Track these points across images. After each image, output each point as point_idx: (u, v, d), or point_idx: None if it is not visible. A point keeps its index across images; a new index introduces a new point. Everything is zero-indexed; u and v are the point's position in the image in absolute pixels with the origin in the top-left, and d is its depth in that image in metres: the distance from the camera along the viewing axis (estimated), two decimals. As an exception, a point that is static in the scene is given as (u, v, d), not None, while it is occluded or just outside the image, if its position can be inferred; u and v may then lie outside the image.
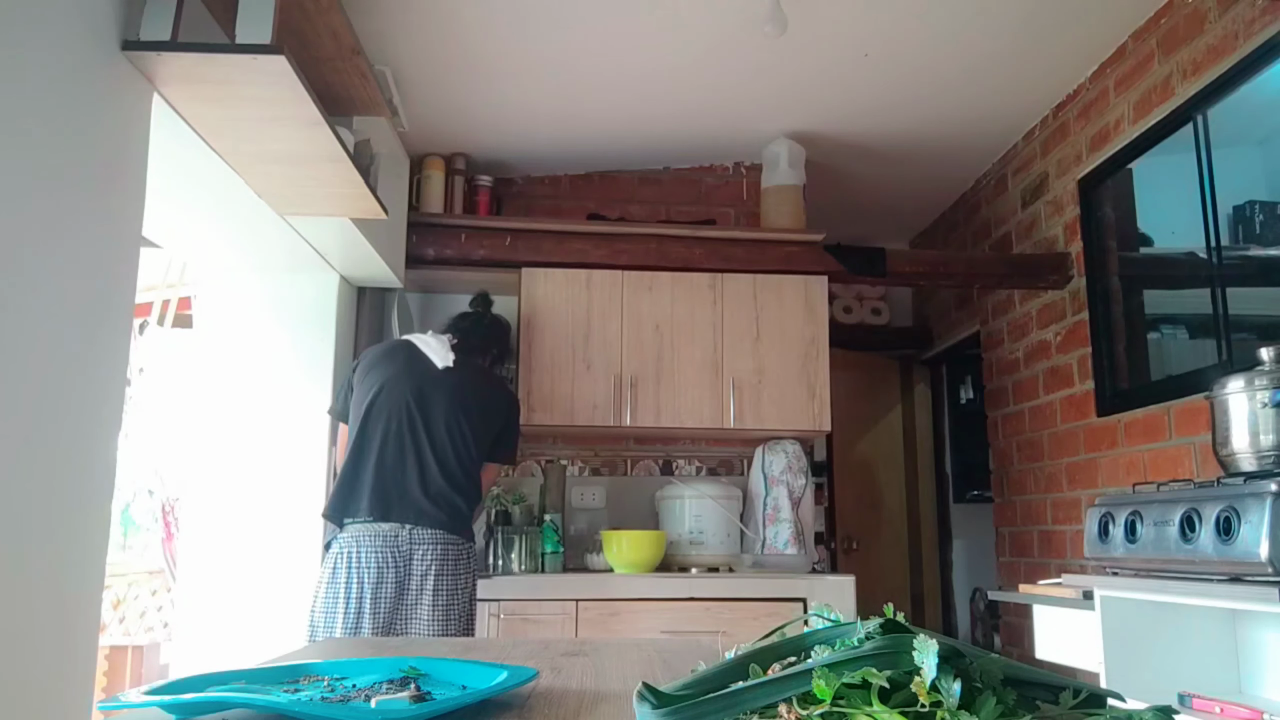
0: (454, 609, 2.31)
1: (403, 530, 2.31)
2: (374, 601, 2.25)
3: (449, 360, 2.52)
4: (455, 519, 2.36)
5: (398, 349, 2.58)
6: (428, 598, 2.28)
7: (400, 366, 2.49)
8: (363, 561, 2.28)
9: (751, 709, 0.55)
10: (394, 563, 2.29)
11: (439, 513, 2.33)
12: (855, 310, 4.96)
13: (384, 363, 2.52)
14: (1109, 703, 0.56)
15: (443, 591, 2.29)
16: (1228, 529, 1.73)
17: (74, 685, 1.49)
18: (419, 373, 2.48)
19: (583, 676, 0.99)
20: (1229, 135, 2.55)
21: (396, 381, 2.45)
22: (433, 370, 2.50)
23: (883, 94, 3.28)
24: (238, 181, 2.16)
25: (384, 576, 2.27)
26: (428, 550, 2.30)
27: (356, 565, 2.28)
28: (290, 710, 0.70)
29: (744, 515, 3.48)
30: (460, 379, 2.51)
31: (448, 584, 2.30)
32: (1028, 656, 3.11)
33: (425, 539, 2.31)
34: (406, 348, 2.56)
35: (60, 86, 1.46)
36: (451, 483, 2.38)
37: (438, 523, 2.33)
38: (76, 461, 1.50)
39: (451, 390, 2.47)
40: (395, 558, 2.29)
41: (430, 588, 2.28)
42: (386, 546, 2.29)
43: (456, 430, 2.43)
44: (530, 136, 3.51)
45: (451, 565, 2.33)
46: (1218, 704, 1.89)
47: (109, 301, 1.60)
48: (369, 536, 2.30)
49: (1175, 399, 2.70)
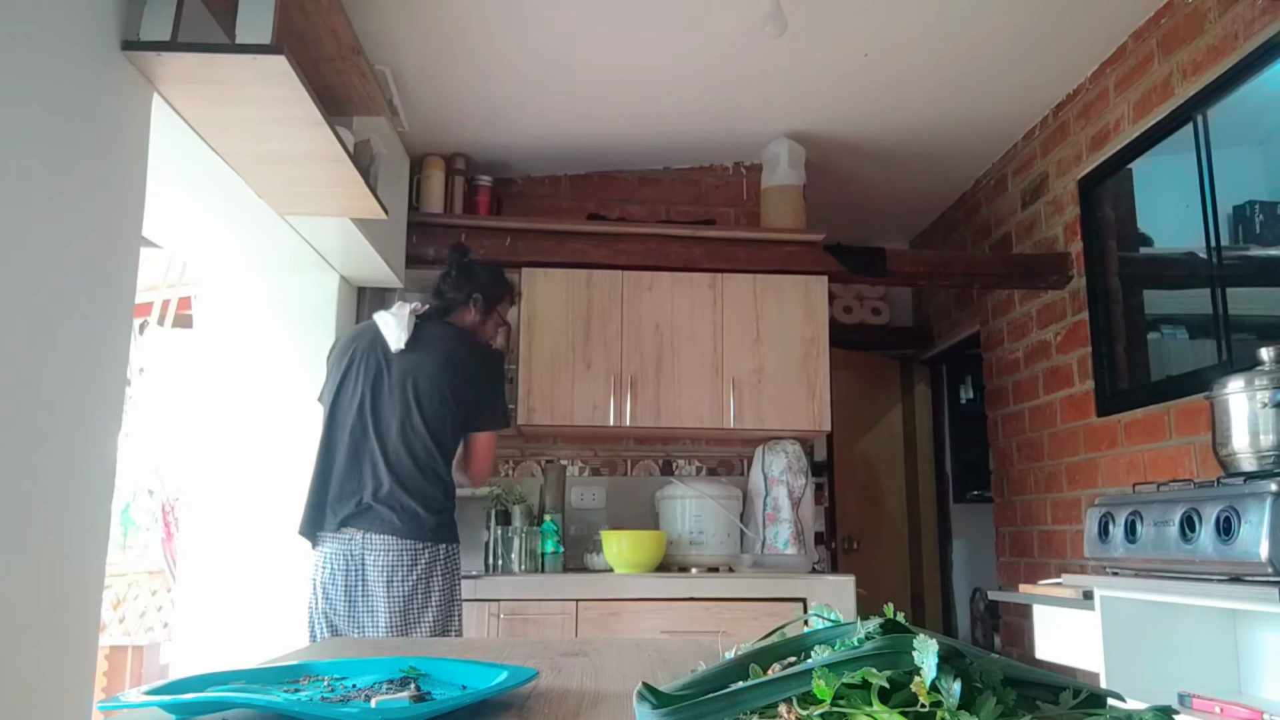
0: (411, 614, 2.19)
1: (355, 537, 2.22)
2: (339, 616, 2.23)
3: (402, 341, 2.35)
4: (409, 522, 2.22)
5: (360, 335, 2.44)
6: (381, 604, 2.19)
7: (359, 357, 2.38)
8: (325, 576, 2.24)
9: (751, 709, 0.55)
10: (348, 574, 2.22)
11: (390, 516, 2.21)
12: (855, 310, 4.96)
13: (346, 354, 2.41)
14: (1109, 703, 0.56)
15: (397, 598, 2.18)
16: (1228, 529, 1.73)
17: (74, 685, 1.49)
18: (374, 363, 2.35)
19: (583, 676, 0.99)
20: (1229, 135, 2.55)
21: (354, 378, 2.35)
22: (387, 356, 2.36)
23: (883, 94, 3.28)
24: (238, 181, 2.16)
25: (344, 591, 2.22)
26: (378, 556, 2.20)
27: (323, 580, 2.24)
28: (290, 710, 0.70)
29: (744, 515, 3.48)
30: (415, 360, 2.34)
31: (400, 590, 2.19)
32: (1028, 656, 3.11)
33: (376, 545, 2.21)
34: (369, 333, 2.42)
35: (60, 86, 1.46)
36: (403, 483, 2.24)
37: (388, 528, 2.21)
38: (76, 461, 1.50)
39: (403, 377, 2.33)
40: (349, 566, 2.22)
41: (382, 594, 2.19)
42: (344, 557, 2.22)
43: (409, 423, 2.29)
44: (530, 136, 3.51)
45: (405, 571, 2.20)
46: (1218, 704, 1.89)
47: (109, 301, 1.60)
48: (330, 551, 2.25)
49: (1175, 399, 2.70)
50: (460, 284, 2.53)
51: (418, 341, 2.38)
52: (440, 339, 2.42)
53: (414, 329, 2.39)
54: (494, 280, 2.61)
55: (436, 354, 2.38)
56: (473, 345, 2.49)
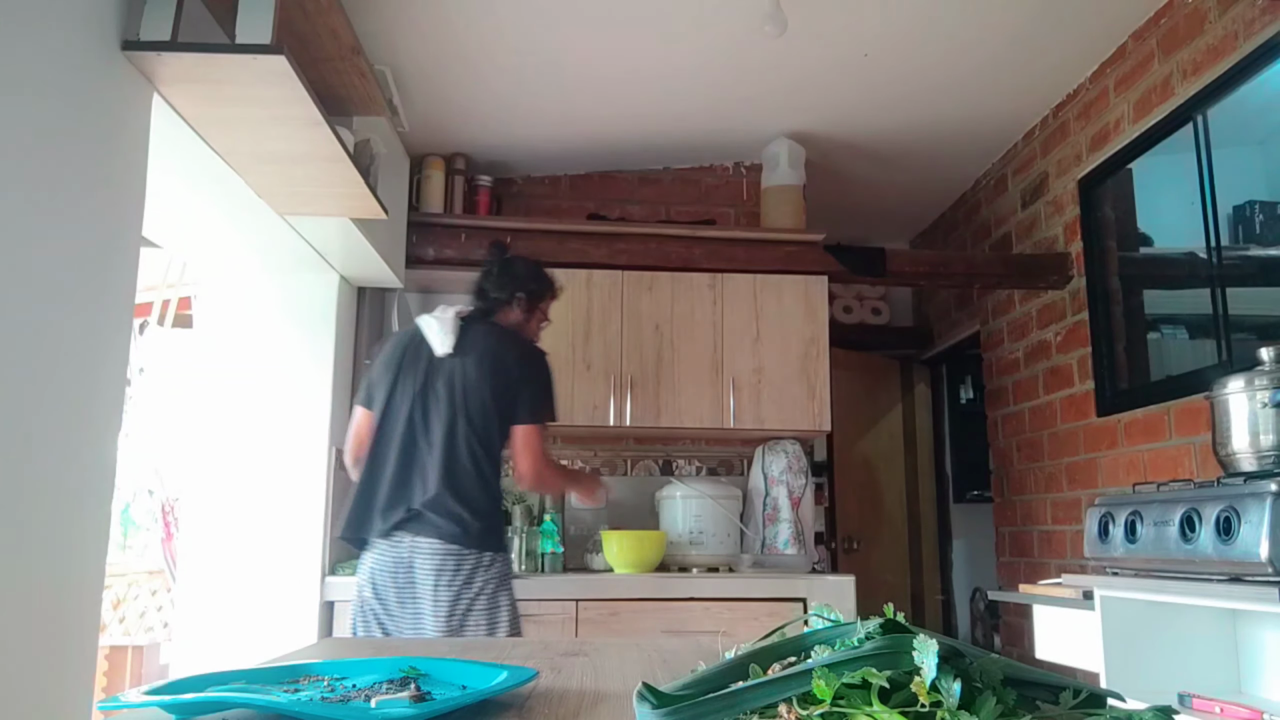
0: (455, 619, 2.20)
1: (405, 540, 2.23)
2: (390, 619, 2.23)
3: (448, 345, 2.35)
4: (456, 528, 2.22)
5: (407, 341, 2.43)
6: (428, 607, 2.20)
7: (406, 364, 2.37)
8: (377, 579, 2.24)
9: (751, 709, 0.55)
10: (396, 575, 2.22)
11: (439, 521, 2.22)
12: (855, 310, 4.96)
13: (394, 362, 2.40)
14: (1109, 703, 0.56)
15: (444, 603, 2.19)
16: (1228, 529, 1.73)
17: (74, 685, 1.49)
18: (421, 369, 2.36)
19: (583, 676, 0.99)
20: (1229, 135, 2.55)
21: (402, 386, 2.35)
22: (432, 361, 2.36)
23: (883, 94, 3.28)
24: (238, 181, 2.16)
25: (395, 593, 2.22)
26: (426, 560, 2.20)
27: (374, 583, 2.24)
28: (290, 710, 0.70)
29: (744, 515, 3.48)
30: (459, 364, 2.34)
31: (446, 595, 2.19)
32: (1028, 656, 3.11)
33: (423, 548, 2.21)
34: (414, 338, 2.41)
35: (60, 86, 1.46)
36: (451, 490, 2.24)
37: (436, 532, 2.22)
38: (76, 461, 1.50)
39: (449, 382, 2.32)
40: (397, 569, 2.22)
41: (429, 598, 2.20)
42: (394, 560, 2.23)
43: (456, 428, 2.29)
44: (530, 136, 3.51)
45: (450, 575, 2.20)
46: (1218, 704, 1.89)
47: (109, 301, 1.60)
48: (380, 554, 2.25)
49: (1175, 399, 2.70)
50: (503, 283, 2.49)
51: (462, 344, 2.35)
52: (483, 340, 2.39)
53: (458, 332, 2.37)
54: (536, 277, 2.56)
55: (479, 356, 2.35)
56: (516, 344, 2.44)
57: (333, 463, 3.00)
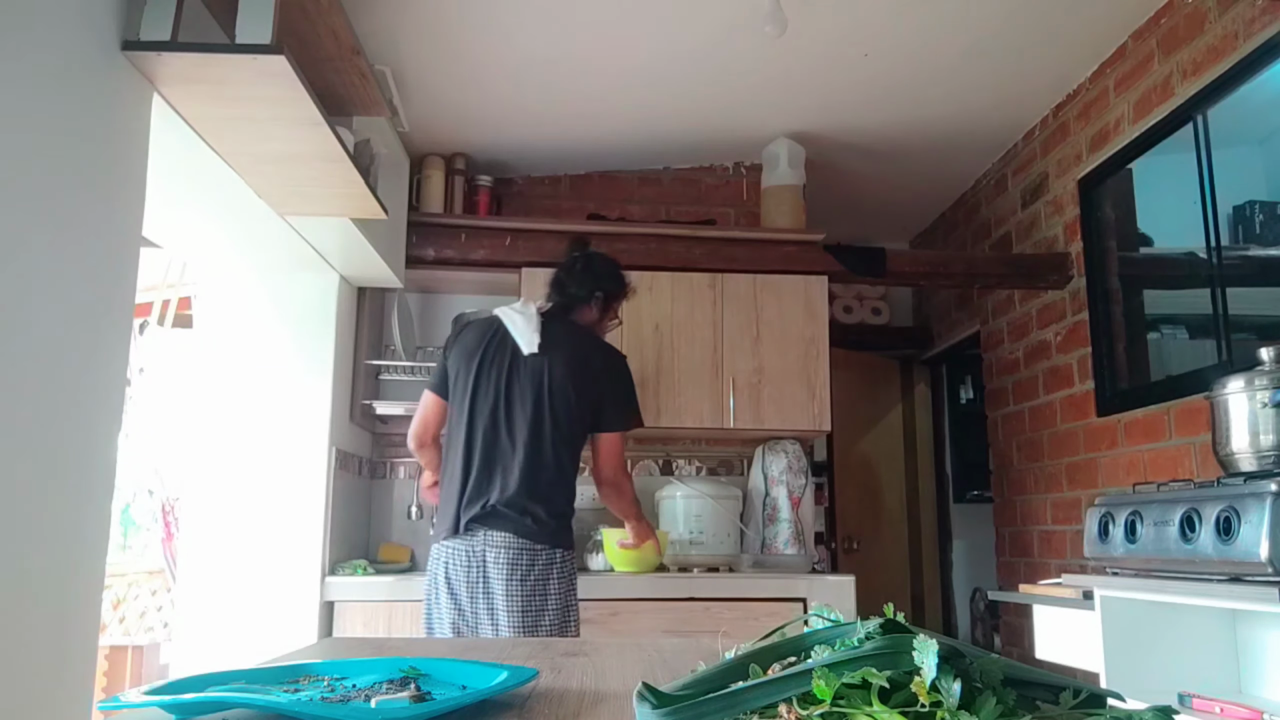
0: (530, 615, 2.20)
1: (478, 533, 2.23)
2: (462, 615, 2.23)
3: (535, 344, 2.31)
4: (530, 524, 2.22)
5: (488, 336, 2.38)
6: (501, 602, 2.19)
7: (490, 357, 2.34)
8: (452, 574, 2.24)
9: (751, 709, 0.55)
10: (469, 570, 2.22)
11: (514, 516, 2.22)
12: (855, 310, 4.96)
13: (477, 353, 2.36)
14: (1109, 703, 0.56)
15: (516, 597, 2.19)
16: (1228, 529, 1.73)
17: (74, 685, 1.49)
18: (506, 364, 2.33)
19: (583, 676, 0.99)
20: (1229, 135, 2.55)
21: (487, 379, 2.32)
22: (517, 357, 2.33)
23: (883, 94, 3.28)
24: (238, 181, 2.16)
25: (467, 588, 2.22)
26: (499, 554, 2.20)
27: (448, 578, 2.24)
28: (290, 710, 0.70)
29: (744, 515, 3.48)
30: (546, 362, 2.31)
31: (519, 590, 2.19)
32: (1028, 656, 3.11)
33: (496, 542, 2.21)
34: (496, 333, 2.38)
35: (60, 86, 1.46)
36: (529, 488, 2.24)
37: (510, 527, 2.22)
38: (76, 461, 1.50)
39: (534, 380, 2.30)
40: (471, 563, 2.23)
41: (502, 593, 2.19)
42: (467, 554, 2.23)
43: (540, 427, 2.28)
44: (530, 136, 3.51)
45: (524, 571, 2.20)
46: (1218, 704, 1.89)
47: (109, 301, 1.60)
48: (454, 548, 2.25)
49: (1175, 399, 2.70)
50: (584, 280, 2.46)
51: (545, 343, 2.34)
52: (567, 340, 2.37)
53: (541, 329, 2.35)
54: (615, 276, 2.54)
55: (565, 355, 2.33)
56: (599, 346, 2.44)
57: (333, 463, 3.00)
